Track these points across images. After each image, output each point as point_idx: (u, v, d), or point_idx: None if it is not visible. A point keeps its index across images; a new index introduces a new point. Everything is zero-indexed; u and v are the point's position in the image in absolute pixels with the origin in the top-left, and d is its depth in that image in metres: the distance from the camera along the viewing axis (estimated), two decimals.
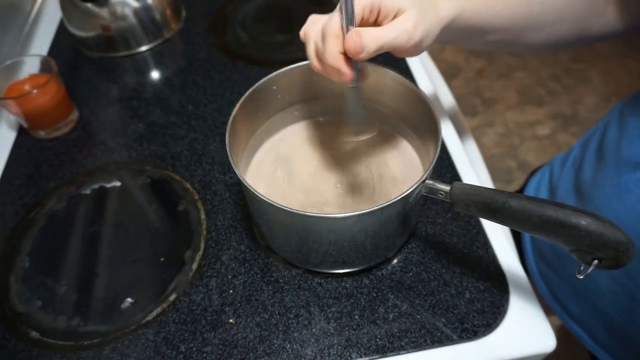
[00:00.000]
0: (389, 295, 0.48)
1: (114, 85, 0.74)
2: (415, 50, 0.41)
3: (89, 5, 0.74)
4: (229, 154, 0.43)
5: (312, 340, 0.45)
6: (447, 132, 0.62)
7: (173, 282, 0.50)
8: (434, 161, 0.41)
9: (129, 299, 0.49)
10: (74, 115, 0.69)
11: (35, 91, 0.61)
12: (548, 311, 0.48)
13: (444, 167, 0.59)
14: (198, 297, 0.49)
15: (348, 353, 0.44)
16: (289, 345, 0.45)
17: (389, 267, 0.50)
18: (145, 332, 0.47)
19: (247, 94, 0.48)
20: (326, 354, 0.44)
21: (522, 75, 2.00)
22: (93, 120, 0.69)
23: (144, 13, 0.78)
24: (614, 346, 0.50)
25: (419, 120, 0.49)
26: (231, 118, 0.46)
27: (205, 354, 0.45)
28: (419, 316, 0.46)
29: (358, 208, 0.39)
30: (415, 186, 0.40)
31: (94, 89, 0.72)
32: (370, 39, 0.37)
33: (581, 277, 0.35)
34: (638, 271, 0.43)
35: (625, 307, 0.46)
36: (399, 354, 0.44)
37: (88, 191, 0.60)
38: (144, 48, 0.80)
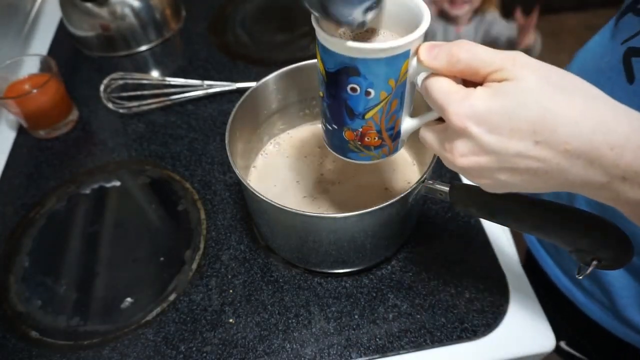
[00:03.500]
0: (388, 295, 0.48)
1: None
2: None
3: (89, 4, 0.74)
4: (228, 154, 0.43)
5: (312, 340, 0.45)
6: None
7: (173, 281, 0.50)
8: (434, 161, 0.41)
9: (129, 299, 0.49)
10: (74, 114, 0.69)
11: (35, 91, 0.61)
12: None
13: (444, 167, 0.58)
14: (198, 297, 0.49)
15: (348, 353, 0.44)
16: (288, 345, 0.45)
17: (389, 267, 0.50)
18: (145, 331, 0.47)
19: (247, 93, 0.48)
20: (326, 354, 0.44)
21: None
22: (93, 119, 0.69)
23: (143, 13, 0.78)
24: None
25: None
26: (231, 118, 0.46)
27: (205, 354, 0.45)
28: (418, 316, 0.46)
29: (358, 208, 0.39)
30: (414, 186, 0.40)
31: (93, 89, 0.72)
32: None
33: (580, 277, 0.36)
34: None
35: None
36: (398, 353, 0.44)
37: (88, 191, 0.60)
38: (143, 48, 0.80)
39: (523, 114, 0.26)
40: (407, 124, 0.36)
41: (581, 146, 0.25)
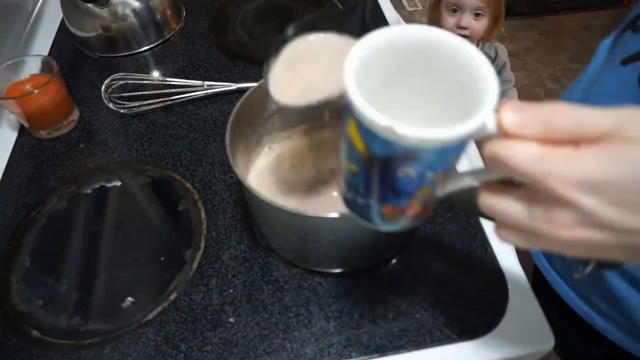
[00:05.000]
0: (388, 295, 0.48)
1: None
2: None
3: (90, 5, 0.74)
4: (229, 154, 0.43)
5: (312, 340, 0.46)
6: None
7: (173, 281, 0.50)
8: None
9: (130, 298, 0.49)
10: (75, 115, 0.69)
11: (36, 91, 0.61)
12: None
13: None
14: (198, 297, 0.49)
15: (348, 352, 0.44)
16: (289, 345, 0.45)
17: (389, 267, 0.50)
18: (146, 331, 0.47)
19: (247, 94, 0.48)
20: (326, 353, 0.45)
21: (521, 76, 2.00)
22: (94, 120, 0.69)
23: (144, 13, 0.78)
24: None
25: None
26: (231, 118, 0.46)
27: (205, 353, 0.45)
28: (418, 315, 0.46)
29: None
30: None
31: (94, 89, 0.72)
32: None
33: (579, 276, 0.36)
34: None
35: None
36: (398, 353, 0.44)
37: (89, 191, 0.60)
38: (144, 48, 0.80)
39: None
40: (455, 184, 0.30)
41: None
